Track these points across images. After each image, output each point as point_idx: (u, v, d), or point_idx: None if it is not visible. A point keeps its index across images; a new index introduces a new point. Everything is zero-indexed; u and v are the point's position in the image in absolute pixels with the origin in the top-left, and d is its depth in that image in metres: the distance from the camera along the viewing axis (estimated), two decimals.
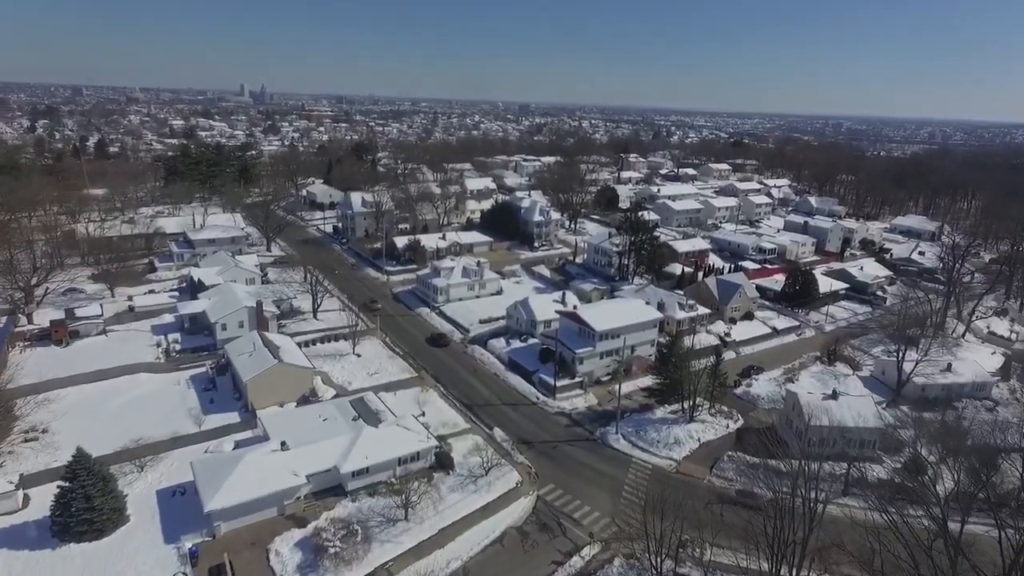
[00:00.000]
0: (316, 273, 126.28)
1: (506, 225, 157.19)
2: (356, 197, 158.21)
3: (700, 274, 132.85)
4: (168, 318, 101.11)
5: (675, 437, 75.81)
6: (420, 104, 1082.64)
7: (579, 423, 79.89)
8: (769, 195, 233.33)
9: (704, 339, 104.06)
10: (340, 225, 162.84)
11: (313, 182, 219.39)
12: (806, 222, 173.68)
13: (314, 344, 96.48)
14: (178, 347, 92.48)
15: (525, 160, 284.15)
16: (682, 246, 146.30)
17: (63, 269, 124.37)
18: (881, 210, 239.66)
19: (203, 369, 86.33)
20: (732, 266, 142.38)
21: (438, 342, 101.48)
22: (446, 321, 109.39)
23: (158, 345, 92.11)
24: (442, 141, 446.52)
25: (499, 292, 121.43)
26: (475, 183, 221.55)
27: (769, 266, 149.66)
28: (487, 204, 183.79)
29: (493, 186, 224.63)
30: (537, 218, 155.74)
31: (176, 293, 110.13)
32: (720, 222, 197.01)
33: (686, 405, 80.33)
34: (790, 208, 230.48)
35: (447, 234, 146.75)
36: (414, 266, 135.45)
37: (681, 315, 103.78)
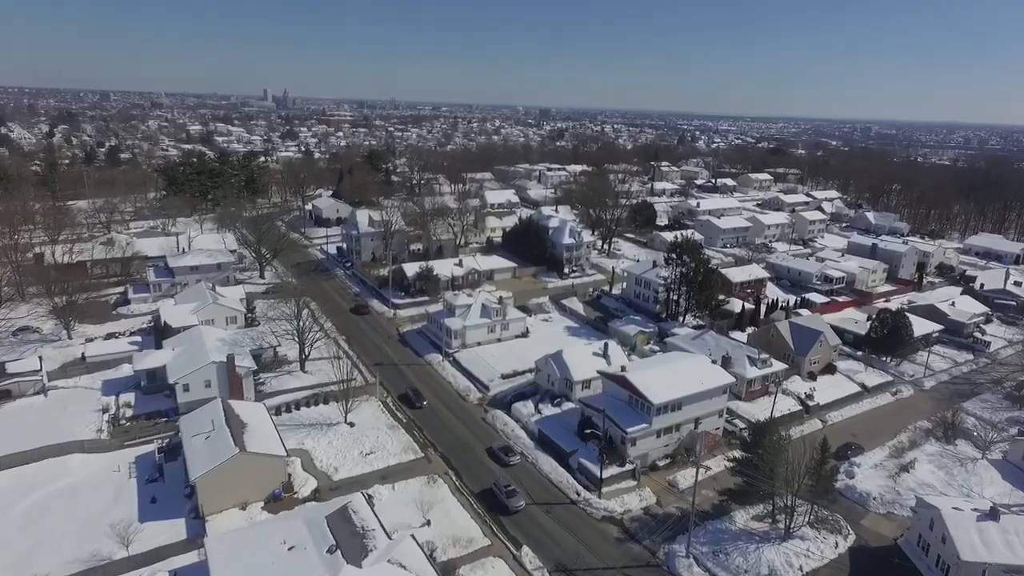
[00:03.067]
0: (305, 301, 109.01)
1: (531, 247, 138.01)
2: (362, 216, 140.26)
3: (761, 309, 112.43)
4: (127, 369, 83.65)
5: (768, 564, 55.75)
6: (441, 108, 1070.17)
7: (634, 536, 60.14)
8: (820, 209, 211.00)
9: (777, 403, 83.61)
10: (345, 246, 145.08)
11: (320, 194, 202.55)
12: (874, 244, 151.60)
13: (297, 408, 78.21)
14: (129, 412, 74.89)
15: (549, 169, 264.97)
16: (736, 275, 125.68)
17: (24, 300, 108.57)
18: (943, 225, 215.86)
19: (155, 447, 68.40)
20: (798, 299, 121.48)
21: (360, 311, 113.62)
22: (461, 373, 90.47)
23: (104, 410, 74.55)
24: (462, 147, 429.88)
25: (524, 334, 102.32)
26: (496, 196, 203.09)
27: (839, 298, 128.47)
28: (509, 221, 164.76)
29: (515, 199, 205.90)
30: (567, 240, 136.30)
31: (139, 338, 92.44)
32: (770, 241, 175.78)
33: (774, 507, 60.47)
34: (844, 224, 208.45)
35: (464, 259, 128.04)
36: (425, 298, 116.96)
37: (753, 373, 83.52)
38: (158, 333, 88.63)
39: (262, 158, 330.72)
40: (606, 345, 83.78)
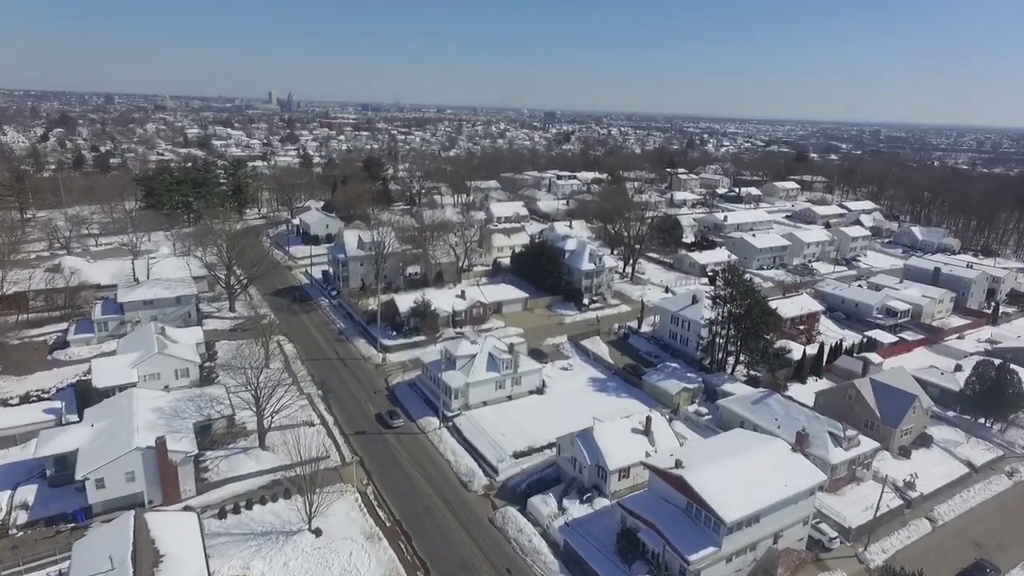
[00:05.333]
0: (279, 342, 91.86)
1: (545, 274, 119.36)
2: (351, 236, 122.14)
3: (818, 350, 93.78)
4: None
5: None
6: (445, 111, 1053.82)
7: None
8: (859, 223, 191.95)
9: (869, 493, 65.11)
10: (331, 271, 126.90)
11: (310, 207, 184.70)
12: (937, 268, 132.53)
13: (248, 507, 59.79)
14: (24, 516, 56.85)
15: (559, 177, 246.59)
16: (787, 308, 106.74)
17: None
18: (990, 240, 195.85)
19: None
20: (862, 340, 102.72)
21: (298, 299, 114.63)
22: (462, 447, 72.08)
23: None
24: (466, 151, 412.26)
25: (540, 390, 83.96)
26: (503, 208, 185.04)
27: (907, 337, 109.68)
28: (518, 240, 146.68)
29: (524, 211, 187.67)
30: (587, 266, 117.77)
31: (61, 403, 74.04)
32: (809, 261, 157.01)
33: None
34: (886, 240, 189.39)
35: (467, 289, 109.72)
36: (421, 337, 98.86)
37: (838, 456, 64.79)
38: (80, 398, 70.51)
39: (259, 162, 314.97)
40: (648, 421, 65.24)
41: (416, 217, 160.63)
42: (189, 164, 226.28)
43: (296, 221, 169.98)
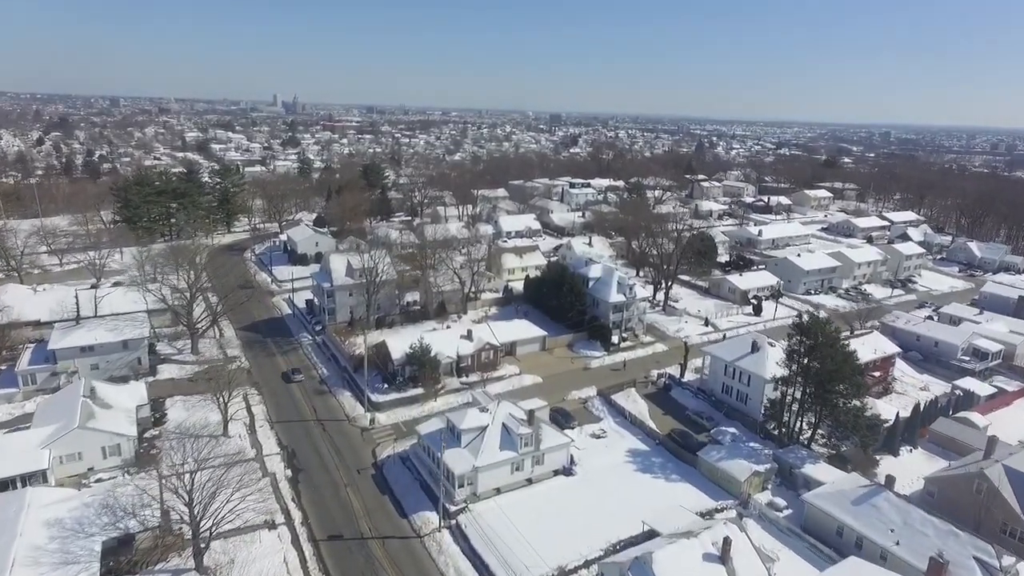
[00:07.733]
0: (246, 395, 75.13)
1: (566, 308, 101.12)
2: (338, 262, 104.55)
3: (912, 411, 75.47)
4: None
5: None
6: (451, 113, 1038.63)
7: None
8: (907, 237, 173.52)
9: None
10: (316, 301, 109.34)
11: (300, 220, 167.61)
12: (1022, 296, 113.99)
13: None
14: None
15: (572, 186, 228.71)
16: (861, 350, 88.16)
17: None
18: None
19: None
20: (958, 394, 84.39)
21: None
22: (469, 560, 54.18)
23: None
24: (471, 155, 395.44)
25: (568, 471, 66.08)
26: (512, 222, 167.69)
27: (1004, 387, 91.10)
28: (532, 260, 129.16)
29: (536, 225, 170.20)
30: (615, 298, 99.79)
31: None
32: (860, 284, 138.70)
33: None
34: (938, 256, 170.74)
35: (473, 328, 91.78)
36: (419, 391, 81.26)
37: None
38: None
39: (258, 168, 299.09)
40: (726, 544, 47.23)
41: (417, 232, 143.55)
42: (174, 170, 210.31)
43: (284, 237, 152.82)
